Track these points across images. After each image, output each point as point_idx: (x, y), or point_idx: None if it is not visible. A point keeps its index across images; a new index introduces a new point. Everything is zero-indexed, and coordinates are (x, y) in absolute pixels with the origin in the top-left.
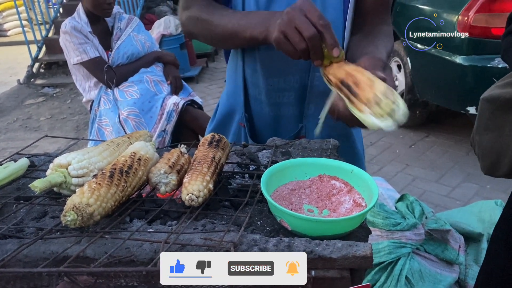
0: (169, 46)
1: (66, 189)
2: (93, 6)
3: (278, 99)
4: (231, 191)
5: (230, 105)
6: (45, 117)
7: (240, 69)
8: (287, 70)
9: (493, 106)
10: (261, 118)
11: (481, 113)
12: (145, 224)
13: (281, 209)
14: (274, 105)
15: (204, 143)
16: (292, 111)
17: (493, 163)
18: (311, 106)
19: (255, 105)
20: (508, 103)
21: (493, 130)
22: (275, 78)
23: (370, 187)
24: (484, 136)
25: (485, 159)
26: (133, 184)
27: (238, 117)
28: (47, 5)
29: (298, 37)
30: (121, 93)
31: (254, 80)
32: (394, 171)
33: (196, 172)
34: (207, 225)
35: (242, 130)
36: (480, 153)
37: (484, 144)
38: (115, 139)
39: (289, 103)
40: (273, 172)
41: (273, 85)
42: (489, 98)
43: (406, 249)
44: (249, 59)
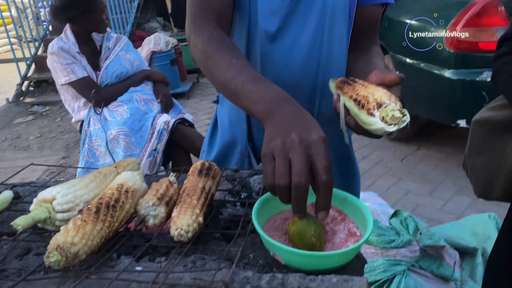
0: (159, 63)
1: (50, 225)
2: (97, 26)
3: None
4: (222, 221)
5: (231, 134)
6: (34, 136)
7: None
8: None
9: (484, 129)
10: None
11: (472, 135)
12: (133, 262)
13: (274, 243)
14: None
15: (194, 172)
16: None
17: (486, 186)
18: None
19: (259, 134)
20: (500, 125)
21: (486, 153)
22: None
23: (364, 215)
24: (477, 159)
25: (478, 182)
26: (120, 219)
27: (240, 146)
28: (36, 22)
29: (285, 174)
30: (110, 112)
31: None
32: (386, 185)
33: (185, 205)
34: (197, 261)
35: (245, 160)
36: (473, 176)
37: (476, 167)
38: (101, 169)
39: None
40: (265, 201)
41: None
42: (480, 120)
43: (401, 267)
44: None
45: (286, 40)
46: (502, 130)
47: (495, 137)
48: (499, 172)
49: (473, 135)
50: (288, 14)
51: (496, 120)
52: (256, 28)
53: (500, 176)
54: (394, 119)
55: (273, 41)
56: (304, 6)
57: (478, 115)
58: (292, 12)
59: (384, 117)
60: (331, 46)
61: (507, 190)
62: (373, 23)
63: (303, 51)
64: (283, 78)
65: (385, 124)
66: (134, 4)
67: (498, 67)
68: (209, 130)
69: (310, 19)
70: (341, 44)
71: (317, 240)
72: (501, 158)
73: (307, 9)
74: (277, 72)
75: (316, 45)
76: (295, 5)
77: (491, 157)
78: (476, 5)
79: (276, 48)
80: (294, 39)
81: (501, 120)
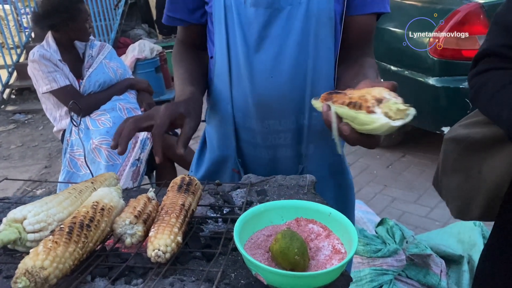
0: (144, 70)
1: (21, 246)
2: (80, 35)
3: (274, 141)
4: (203, 239)
5: (221, 152)
6: (15, 145)
7: (230, 115)
8: (283, 112)
9: (459, 147)
10: (257, 162)
11: (446, 154)
12: (109, 284)
13: (256, 263)
14: (270, 148)
15: (174, 188)
16: (289, 152)
17: (462, 206)
18: (310, 146)
19: (249, 149)
20: (478, 143)
21: (461, 172)
22: (270, 120)
23: (349, 231)
24: (451, 178)
25: (454, 203)
26: (94, 239)
27: (231, 163)
28: (18, 29)
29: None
30: (93, 121)
31: (246, 124)
32: (372, 193)
33: (163, 224)
34: (175, 283)
35: (236, 176)
36: (449, 196)
37: (451, 186)
38: (77, 185)
39: (286, 144)
40: (247, 218)
41: (268, 128)
42: (456, 138)
43: (388, 276)
44: (240, 105)
45: (269, 51)
46: (479, 148)
47: (471, 155)
48: (477, 192)
49: (447, 153)
50: (266, 25)
51: (473, 137)
52: (234, 38)
53: (479, 195)
54: (399, 112)
55: (256, 52)
56: (286, 15)
57: (452, 132)
58: (270, 22)
59: (388, 112)
60: (317, 57)
61: (487, 209)
62: (365, 33)
63: (288, 63)
64: (270, 89)
65: (389, 119)
66: (118, 11)
67: (477, 87)
68: (198, 149)
69: (293, 29)
70: (329, 54)
71: (300, 258)
72: (478, 176)
73: (289, 18)
74: (264, 84)
75: (302, 57)
76: (273, 15)
77: (467, 175)
78: (459, 13)
79: (259, 60)
80: (278, 51)
81: (479, 138)
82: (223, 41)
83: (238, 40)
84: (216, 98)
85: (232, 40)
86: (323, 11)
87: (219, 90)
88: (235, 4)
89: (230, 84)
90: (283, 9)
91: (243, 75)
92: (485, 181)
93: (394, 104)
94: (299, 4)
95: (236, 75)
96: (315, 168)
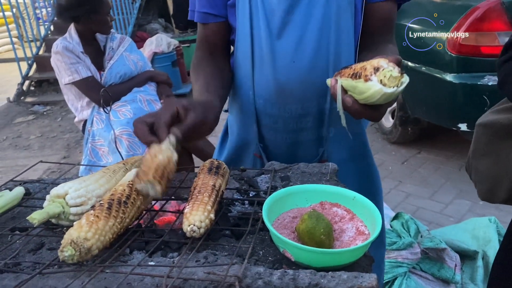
0: (161, 64)
1: (64, 219)
2: (102, 27)
3: (296, 126)
4: (232, 219)
5: (241, 138)
6: (35, 135)
7: (251, 101)
8: (305, 96)
9: (489, 132)
10: (278, 146)
11: (477, 138)
12: (146, 257)
13: (284, 240)
14: (291, 132)
15: (204, 170)
16: (310, 135)
17: (490, 189)
18: (331, 129)
19: (270, 134)
20: (505, 128)
21: (490, 156)
22: (292, 105)
23: (373, 214)
24: (481, 161)
25: (482, 185)
26: (131, 215)
27: (252, 148)
28: (38, 22)
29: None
30: (114, 112)
31: (267, 110)
32: (387, 188)
33: (197, 202)
34: (209, 257)
35: (258, 161)
36: (477, 179)
37: (481, 169)
38: (110, 166)
39: (307, 128)
40: (274, 200)
41: (290, 113)
42: (485, 123)
43: (402, 269)
44: (261, 91)
45: (291, 37)
46: (507, 133)
47: (500, 140)
48: (504, 175)
49: (477, 137)
50: (289, 11)
51: (501, 123)
52: (258, 27)
53: (505, 179)
54: (392, 80)
55: (278, 39)
56: (307, 1)
57: (483, 118)
58: (293, 9)
59: (382, 79)
60: (339, 43)
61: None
62: (386, 20)
63: (309, 48)
64: (292, 74)
65: (383, 86)
66: (135, 5)
67: (505, 74)
68: (220, 137)
69: (314, 15)
70: (349, 39)
71: (326, 238)
72: (506, 161)
73: (310, 5)
74: (286, 69)
75: (323, 42)
76: (296, 1)
77: (495, 160)
78: (478, 10)
79: (282, 46)
80: (300, 36)
81: (506, 123)
82: (246, 29)
83: (262, 27)
84: (238, 85)
85: (256, 28)
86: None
87: (241, 77)
88: None
89: (253, 70)
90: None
91: (266, 61)
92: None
93: (389, 72)
94: None
95: (259, 62)
96: (335, 151)
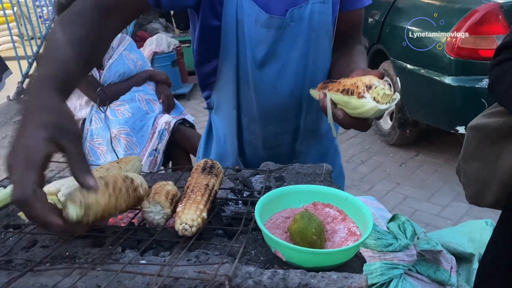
0: (161, 64)
1: None
2: None
3: (274, 143)
4: (225, 219)
5: (223, 151)
6: None
7: (234, 118)
8: (284, 117)
9: (479, 135)
10: (255, 160)
11: (467, 141)
12: (138, 255)
13: (276, 240)
14: (269, 148)
15: (198, 170)
16: (286, 150)
17: (477, 192)
18: (303, 143)
19: (249, 148)
20: (494, 132)
21: (479, 159)
22: (271, 125)
23: (364, 215)
24: (470, 164)
25: (470, 188)
26: (126, 201)
27: (231, 161)
28: (39, 20)
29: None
30: (112, 111)
31: (251, 127)
32: (385, 190)
33: (189, 201)
34: (200, 256)
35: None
36: (466, 182)
37: (469, 172)
38: (104, 165)
39: (283, 144)
40: (268, 200)
41: (269, 131)
42: (476, 126)
43: (398, 270)
44: (247, 110)
45: (274, 66)
46: (496, 137)
47: (489, 144)
48: (491, 179)
49: (467, 140)
50: (275, 43)
51: (491, 126)
52: (245, 56)
53: (493, 183)
54: (385, 97)
55: (261, 68)
56: (290, 34)
57: (475, 121)
58: (278, 41)
59: (376, 97)
60: (316, 64)
61: (499, 197)
62: (356, 25)
63: (290, 75)
64: (274, 99)
65: (377, 103)
66: None
67: (497, 74)
68: (203, 137)
69: (296, 45)
70: (325, 58)
71: (317, 238)
72: (494, 165)
73: (293, 36)
74: (268, 95)
75: (301, 67)
76: (280, 34)
77: (484, 163)
78: (477, 13)
79: (265, 74)
80: (282, 65)
81: (496, 127)
82: (233, 56)
83: (248, 57)
84: (223, 99)
85: (242, 56)
86: (323, 25)
87: (226, 95)
88: (246, 22)
89: (238, 93)
90: (288, 27)
91: (250, 87)
92: (501, 169)
93: (381, 90)
94: (301, 20)
95: (244, 87)
96: (306, 160)
